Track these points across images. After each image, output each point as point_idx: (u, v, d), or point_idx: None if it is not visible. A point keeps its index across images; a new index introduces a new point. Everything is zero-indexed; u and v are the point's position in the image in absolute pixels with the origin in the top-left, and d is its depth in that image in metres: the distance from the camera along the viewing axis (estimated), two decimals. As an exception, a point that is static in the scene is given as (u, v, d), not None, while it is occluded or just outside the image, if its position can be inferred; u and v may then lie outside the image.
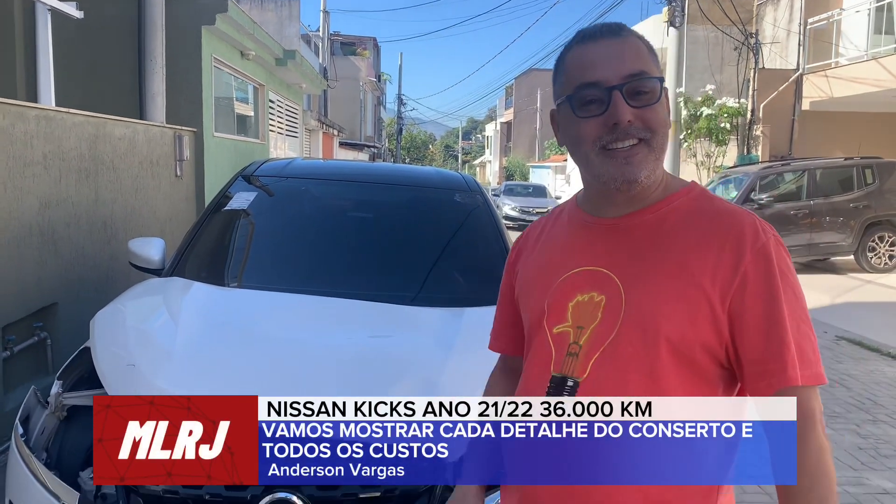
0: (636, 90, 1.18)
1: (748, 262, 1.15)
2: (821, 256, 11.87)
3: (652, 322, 1.16)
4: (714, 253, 1.16)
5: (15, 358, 4.03)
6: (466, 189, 3.88)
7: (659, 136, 1.20)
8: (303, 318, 2.86)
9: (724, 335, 1.16)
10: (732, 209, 1.23)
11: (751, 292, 1.15)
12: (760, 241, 1.17)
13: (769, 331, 1.14)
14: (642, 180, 1.20)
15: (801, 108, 15.92)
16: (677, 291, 1.16)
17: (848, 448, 4.59)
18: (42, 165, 4.30)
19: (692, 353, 1.16)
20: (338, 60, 27.94)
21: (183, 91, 7.74)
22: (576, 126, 1.22)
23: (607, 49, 1.20)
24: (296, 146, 15.69)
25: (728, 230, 1.18)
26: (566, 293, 1.24)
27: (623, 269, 1.21)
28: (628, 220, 1.25)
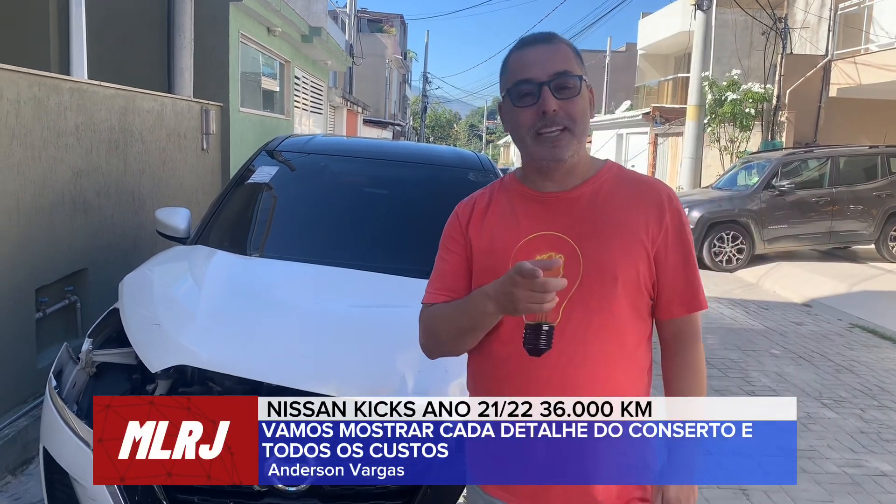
0: (561, 85, 1.48)
1: (668, 219, 1.52)
2: (841, 245, 11.82)
3: (609, 269, 1.48)
4: (643, 212, 1.52)
5: (47, 319, 4.24)
6: (480, 168, 3.99)
7: (579, 124, 1.50)
8: (319, 287, 3.01)
9: (653, 273, 1.53)
10: (648, 179, 1.61)
11: (671, 241, 1.53)
12: (674, 203, 1.55)
13: (685, 270, 1.54)
14: (567, 160, 1.50)
15: (828, 95, 15.73)
16: (623, 244, 1.49)
17: (850, 431, 4.68)
18: (74, 136, 4.47)
19: (637, 290, 1.51)
20: (364, 37, 27.95)
21: (210, 66, 7.89)
22: (515, 114, 1.52)
23: (540, 53, 1.51)
24: (320, 123, 15.82)
25: (650, 195, 1.55)
26: (527, 254, 1.48)
27: (574, 232, 1.50)
28: (569, 193, 1.55)
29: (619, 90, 32.72)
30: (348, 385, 2.31)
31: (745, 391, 5.42)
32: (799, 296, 9.39)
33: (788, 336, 7.26)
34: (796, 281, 10.07)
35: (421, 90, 48.53)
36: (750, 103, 15.74)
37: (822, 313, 8.48)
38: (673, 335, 1.60)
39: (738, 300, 9.10)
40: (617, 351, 1.50)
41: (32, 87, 3.96)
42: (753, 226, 11.15)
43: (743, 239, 11.16)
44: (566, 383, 1.47)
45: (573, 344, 1.47)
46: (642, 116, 21.02)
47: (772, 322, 7.90)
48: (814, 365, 6.22)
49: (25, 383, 3.95)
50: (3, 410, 3.75)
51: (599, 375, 1.48)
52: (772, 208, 11.21)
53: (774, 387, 5.55)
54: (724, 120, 16.16)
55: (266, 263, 3.24)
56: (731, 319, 7.95)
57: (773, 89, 15.99)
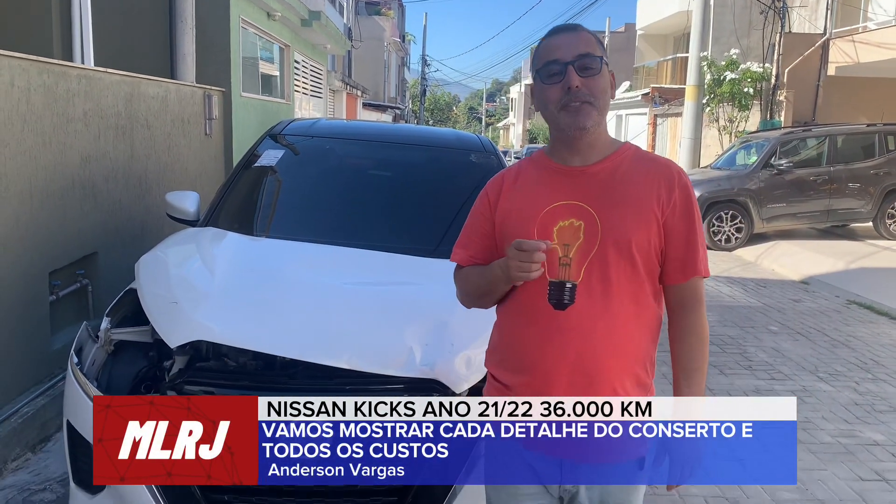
0: (584, 66, 1.68)
1: (676, 194, 1.71)
2: (839, 223, 11.90)
3: (624, 236, 1.66)
4: (655, 187, 1.71)
5: (60, 302, 4.34)
6: (482, 150, 4.08)
7: (600, 98, 1.70)
8: (327, 266, 3.11)
9: (662, 241, 1.71)
10: (662, 159, 1.80)
11: (678, 214, 1.71)
12: (683, 180, 1.73)
13: (689, 239, 1.71)
14: (590, 128, 1.69)
15: (827, 74, 15.75)
16: (637, 214, 1.68)
17: (845, 403, 4.80)
18: (83, 122, 4.56)
19: (648, 254, 1.69)
20: (362, 20, 27.85)
21: (212, 51, 7.94)
22: (544, 91, 1.72)
23: (565, 39, 1.72)
24: (320, 107, 15.86)
25: (663, 172, 1.74)
26: (551, 220, 1.69)
27: (594, 202, 1.69)
28: (592, 167, 1.74)
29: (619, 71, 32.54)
30: (359, 358, 2.41)
31: (743, 366, 5.54)
32: (797, 273, 9.49)
33: (786, 313, 7.37)
34: (794, 259, 10.17)
35: (420, 73, 48.39)
36: (748, 83, 15.76)
37: (819, 290, 8.59)
38: (677, 300, 1.77)
39: (737, 278, 9.20)
40: (631, 306, 1.68)
41: (42, 75, 4.04)
42: (752, 205, 11.23)
43: (742, 218, 11.24)
44: (588, 333, 1.65)
45: (594, 298, 1.65)
46: (641, 97, 21.04)
47: (770, 299, 8.01)
48: (811, 340, 6.33)
49: (41, 364, 4.06)
50: (22, 390, 3.86)
51: (617, 326, 1.66)
52: (770, 187, 11.29)
53: (772, 362, 5.67)
54: (723, 100, 16.19)
55: (275, 244, 3.33)
56: (729, 297, 8.06)
57: (772, 68, 16.01)
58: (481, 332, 2.54)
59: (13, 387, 3.79)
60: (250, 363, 2.58)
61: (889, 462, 3.93)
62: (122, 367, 2.74)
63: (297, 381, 2.47)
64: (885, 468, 3.85)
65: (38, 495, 3.30)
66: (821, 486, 3.62)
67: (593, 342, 1.65)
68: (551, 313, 1.66)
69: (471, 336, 2.53)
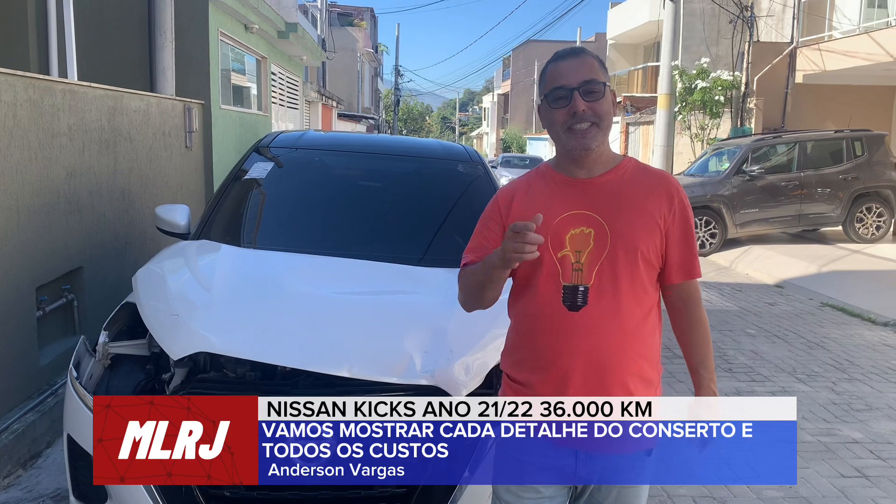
0: (588, 90, 1.81)
1: (676, 203, 1.87)
2: (810, 227, 12.13)
3: (632, 242, 1.81)
4: (657, 197, 1.86)
5: (46, 318, 4.32)
6: (469, 160, 4.15)
7: (604, 120, 1.83)
8: (322, 276, 3.15)
9: (664, 246, 1.86)
10: (660, 172, 1.96)
11: (677, 221, 1.86)
12: (681, 193, 1.89)
13: (686, 245, 1.88)
14: (594, 148, 1.83)
15: (795, 82, 16.08)
16: (643, 222, 1.83)
17: (823, 403, 4.92)
18: (67, 137, 4.55)
19: (653, 259, 1.84)
20: (335, 31, 27.89)
21: (191, 64, 7.94)
22: (551, 114, 1.86)
23: (571, 65, 1.84)
24: (296, 118, 15.85)
25: (664, 183, 1.89)
26: (563, 229, 1.82)
27: (602, 211, 1.82)
28: (598, 179, 1.87)
29: (590, 80, 32.95)
30: (359, 366, 2.45)
31: (724, 369, 5.65)
32: (771, 277, 9.68)
33: (762, 316, 7.52)
34: (768, 263, 10.37)
35: (393, 83, 48.48)
36: (719, 91, 16.04)
37: (793, 293, 8.77)
38: (680, 298, 1.93)
39: (713, 283, 9.36)
40: (638, 307, 1.82)
41: (28, 90, 4.04)
42: (725, 210, 11.43)
43: (715, 223, 11.43)
44: (601, 331, 1.78)
45: (605, 300, 1.79)
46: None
47: (746, 303, 8.17)
48: (787, 342, 6.47)
49: (30, 380, 4.04)
50: (11, 406, 3.84)
51: (626, 325, 1.80)
52: (743, 193, 11.50)
53: (751, 364, 5.79)
54: (695, 108, 16.46)
55: (270, 255, 3.37)
56: (706, 301, 8.19)
57: (742, 77, 16.32)
58: (479, 339, 2.61)
59: (2, 403, 3.77)
60: (250, 374, 2.61)
61: (868, 459, 4.04)
62: (120, 380, 2.75)
63: (297, 391, 2.50)
64: (864, 465, 3.96)
65: (32, 511, 3.29)
66: (804, 484, 3.72)
67: (606, 340, 1.78)
68: (565, 315, 1.79)
69: (469, 342, 2.59)
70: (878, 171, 11.73)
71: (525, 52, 51.11)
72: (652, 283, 1.86)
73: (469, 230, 3.88)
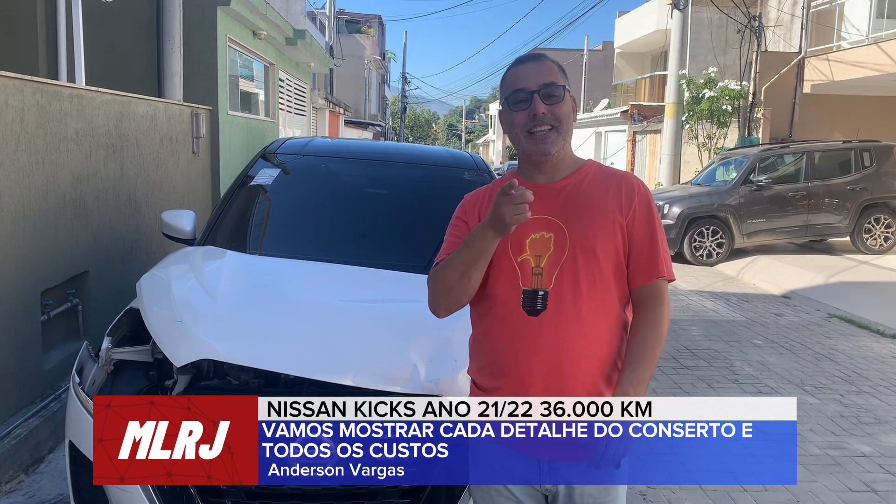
0: (548, 94, 1.81)
1: (636, 203, 1.84)
2: (817, 238, 12.08)
3: (590, 244, 1.79)
4: (616, 197, 1.84)
5: (51, 322, 4.31)
6: (475, 168, 4.13)
7: (564, 124, 1.83)
8: (326, 283, 3.14)
9: (626, 246, 1.83)
10: (623, 173, 1.94)
11: (638, 221, 1.83)
12: (642, 189, 1.87)
13: (650, 244, 1.83)
14: (554, 153, 1.83)
15: (803, 91, 16.04)
16: (602, 223, 1.81)
17: (831, 416, 4.88)
18: (74, 142, 4.55)
19: (616, 259, 1.82)
20: (343, 38, 27.97)
21: (199, 70, 7.96)
22: (511, 117, 1.86)
23: (531, 68, 1.85)
24: (304, 125, 15.88)
25: (623, 183, 1.87)
26: (523, 233, 1.80)
27: (561, 215, 1.82)
28: (557, 184, 1.87)
29: (597, 89, 33.00)
30: (363, 375, 2.43)
31: (730, 380, 5.61)
32: (778, 288, 9.63)
33: (769, 327, 7.47)
34: (775, 273, 10.32)
35: (400, 90, 48.58)
36: (727, 100, 16.00)
37: (800, 304, 8.72)
38: (639, 300, 1.86)
39: (720, 293, 9.32)
40: (600, 310, 1.79)
41: (35, 95, 4.04)
42: (732, 220, 11.39)
43: (722, 233, 11.39)
44: (560, 336, 1.76)
45: (565, 304, 1.77)
46: (620, 114, 21.26)
47: (752, 313, 8.12)
48: (794, 354, 6.42)
49: (33, 384, 4.03)
50: (14, 411, 3.83)
51: (587, 329, 1.78)
52: (750, 203, 11.46)
53: (758, 375, 5.75)
54: (702, 117, 16.42)
55: (274, 262, 3.36)
56: (713, 312, 8.16)
57: (749, 86, 16.28)
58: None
59: (5, 408, 3.76)
60: (253, 381, 2.59)
61: (877, 473, 4.00)
62: (123, 386, 2.74)
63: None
64: (873, 479, 3.92)
65: (34, 517, 3.28)
66: (812, 498, 3.68)
67: (566, 344, 1.76)
68: (525, 319, 1.78)
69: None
70: (887, 181, 11.68)
71: (532, 60, 50.98)
72: (618, 285, 1.83)
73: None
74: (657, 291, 1.83)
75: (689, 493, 3.71)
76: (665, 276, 1.83)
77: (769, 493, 3.73)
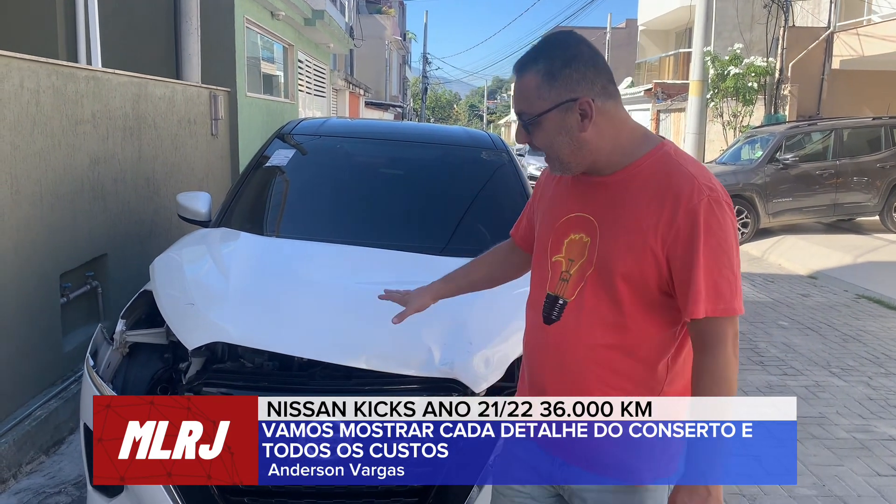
0: (525, 123, 1.58)
1: (680, 219, 1.49)
2: (845, 217, 11.85)
3: (609, 263, 1.56)
4: (657, 210, 1.52)
5: (70, 304, 4.33)
6: (493, 147, 4.06)
7: (552, 148, 1.58)
8: (341, 265, 3.09)
9: (665, 272, 1.53)
10: (682, 172, 1.54)
11: (680, 243, 1.49)
12: (693, 202, 1.49)
13: (687, 274, 1.49)
14: (571, 172, 1.62)
15: (831, 67, 15.70)
16: (630, 240, 1.54)
17: (859, 398, 4.77)
18: (91, 124, 4.54)
19: (644, 286, 1.54)
20: (363, 19, 27.81)
21: (217, 51, 7.93)
22: None
23: (515, 87, 1.61)
24: (323, 106, 15.84)
25: (670, 192, 1.52)
26: (564, 232, 1.65)
27: (601, 217, 1.60)
28: (610, 178, 1.61)
29: (620, 67, 32.58)
30: (378, 358, 2.39)
31: (755, 362, 5.52)
32: (804, 268, 9.46)
33: (795, 307, 7.34)
34: (801, 253, 10.14)
35: (421, 71, 48.36)
36: (752, 77, 15.71)
37: (827, 285, 8.56)
38: (693, 337, 1.56)
39: (745, 273, 9.18)
40: (613, 338, 1.57)
41: (51, 76, 4.03)
42: (758, 200, 11.20)
43: (748, 213, 11.21)
44: (568, 351, 1.61)
45: (576, 320, 1.60)
46: (644, 93, 20.99)
47: (778, 294, 7.99)
48: (821, 335, 6.31)
49: (53, 366, 4.05)
50: (34, 393, 3.85)
51: (591, 355, 1.58)
52: (776, 182, 11.25)
53: (783, 357, 5.64)
54: (727, 94, 16.14)
55: (289, 244, 3.32)
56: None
57: (776, 63, 15.96)
58: (499, 331, 2.53)
59: (26, 390, 3.78)
60: (267, 364, 2.57)
61: (906, 457, 3.91)
62: (138, 369, 2.73)
63: (314, 382, 2.45)
64: (902, 463, 3.83)
65: (53, 498, 3.30)
66: (838, 482, 3.60)
67: (568, 363, 1.61)
68: (540, 326, 1.67)
69: (489, 335, 2.52)
70: (918, 159, 11.41)
71: (554, 39, 50.53)
72: (654, 312, 1.56)
73: (492, 218, 3.82)
74: (710, 330, 1.49)
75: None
76: (700, 315, 1.47)
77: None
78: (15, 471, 3.43)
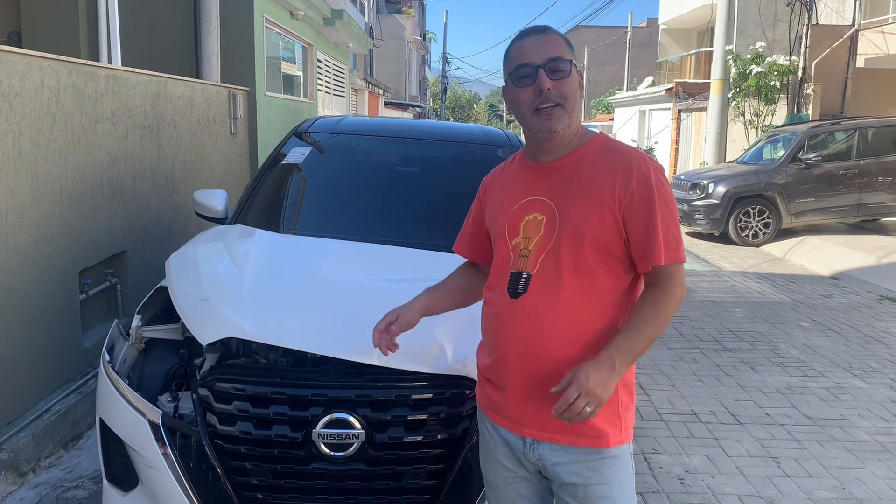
0: (554, 69, 1.74)
1: (633, 185, 1.72)
2: (869, 217, 11.70)
3: (578, 229, 1.73)
4: (612, 179, 1.74)
5: (90, 301, 4.37)
6: (509, 145, 4.03)
7: (570, 100, 1.76)
8: (355, 262, 3.09)
9: (622, 233, 1.73)
10: (625, 149, 1.81)
11: (636, 205, 1.71)
12: (643, 170, 1.73)
13: (646, 230, 1.71)
14: (560, 131, 1.76)
15: (855, 66, 15.48)
16: (592, 208, 1.73)
17: (881, 401, 4.70)
18: (111, 122, 4.58)
19: (607, 248, 1.73)
20: (383, 19, 27.87)
21: (236, 51, 7.97)
22: (516, 94, 1.79)
23: (535, 42, 1.77)
24: (343, 106, 15.89)
25: (621, 163, 1.75)
26: (519, 215, 1.82)
27: (554, 196, 1.78)
28: (558, 162, 1.82)
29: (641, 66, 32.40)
30: (390, 355, 2.39)
31: (775, 363, 5.45)
32: (826, 269, 9.34)
33: (817, 308, 7.25)
34: (824, 254, 10.01)
35: (440, 71, 48.35)
36: (775, 76, 15.53)
37: (850, 286, 8.45)
38: (648, 281, 1.77)
39: (766, 274, 9.08)
40: (585, 299, 1.73)
41: (71, 75, 4.07)
42: (780, 200, 11.08)
43: (769, 213, 11.10)
44: (537, 320, 1.73)
45: (545, 289, 1.73)
46: (665, 92, 20.82)
47: (800, 295, 7.89)
48: (843, 336, 6.22)
49: (73, 362, 4.09)
50: (54, 388, 3.89)
51: (567, 315, 1.72)
52: (798, 182, 11.13)
53: (804, 358, 5.57)
54: (749, 94, 15.98)
55: (304, 241, 3.32)
56: (758, 293, 7.95)
57: (799, 61, 15.77)
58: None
59: (46, 385, 3.82)
60: (281, 360, 2.57)
61: (929, 460, 3.84)
62: (153, 364, 2.74)
63: (327, 378, 2.45)
64: (924, 466, 3.77)
65: (71, 492, 3.33)
66: (858, 485, 3.55)
67: (541, 329, 1.73)
68: (508, 302, 1.78)
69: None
70: (944, 159, 11.23)
71: (574, 38, 50.33)
72: (614, 272, 1.74)
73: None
74: (663, 276, 1.72)
75: (728, 478, 3.61)
76: (661, 262, 1.70)
77: (813, 479, 3.61)
78: (34, 465, 3.46)
